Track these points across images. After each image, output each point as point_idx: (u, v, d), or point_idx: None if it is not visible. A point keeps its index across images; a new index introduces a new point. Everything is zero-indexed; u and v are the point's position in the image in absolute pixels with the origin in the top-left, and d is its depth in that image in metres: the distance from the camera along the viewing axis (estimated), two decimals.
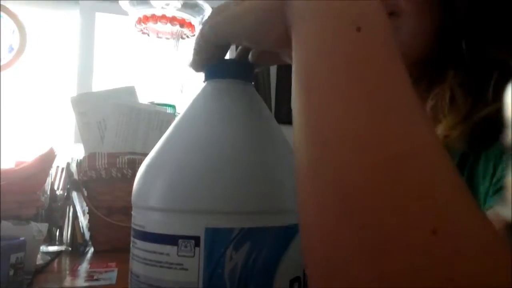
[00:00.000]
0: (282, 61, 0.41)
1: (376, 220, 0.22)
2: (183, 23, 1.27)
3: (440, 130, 0.42)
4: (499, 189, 0.41)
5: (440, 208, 0.21)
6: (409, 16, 0.44)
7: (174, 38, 1.30)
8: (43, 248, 0.80)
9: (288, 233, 0.33)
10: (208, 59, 0.36)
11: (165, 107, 1.06)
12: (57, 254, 0.83)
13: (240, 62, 0.37)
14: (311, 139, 0.25)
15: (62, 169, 0.95)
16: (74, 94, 1.21)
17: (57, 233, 0.90)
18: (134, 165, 0.87)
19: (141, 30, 1.29)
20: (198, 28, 1.32)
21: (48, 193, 0.85)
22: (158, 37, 1.29)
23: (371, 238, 0.22)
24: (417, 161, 0.22)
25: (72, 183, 0.91)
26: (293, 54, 0.29)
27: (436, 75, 0.46)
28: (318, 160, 0.24)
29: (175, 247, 0.31)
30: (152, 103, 1.07)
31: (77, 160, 0.90)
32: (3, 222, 0.64)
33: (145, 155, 0.36)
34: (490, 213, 0.27)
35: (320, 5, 0.27)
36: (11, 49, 1.78)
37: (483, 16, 0.42)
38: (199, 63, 0.38)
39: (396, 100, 0.24)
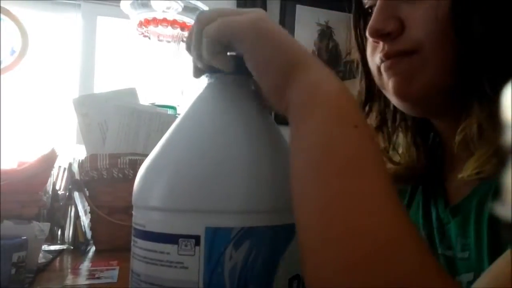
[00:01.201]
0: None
1: None
2: (184, 26, 1.27)
3: (472, 164, 0.41)
4: None
5: None
6: (431, 50, 0.43)
7: (175, 41, 1.30)
8: (45, 247, 0.80)
9: (287, 232, 0.33)
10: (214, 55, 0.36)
11: (166, 108, 1.07)
12: (59, 252, 0.83)
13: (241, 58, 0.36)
14: (317, 220, 0.29)
15: (64, 169, 0.95)
16: (76, 96, 1.21)
17: (59, 233, 0.90)
18: (135, 166, 0.87)
19: (142, 33, 1.30)
20: None
21: (50, 193, 0.85)
22: (159, 40, 1.29)
23: None
24: (402, 249, 0.26)
25: (73, 183, 0.91)
26: (296, 137, 0.32)
27: (462, 108, 0.44)
28: (325, 240, 0.28)
29: (176, 246, 0.31)
30: (153, 104, 1.08)
31: (79, 160, 0.90)
32: (5, 221, 0.65)
33: (146, 156, 0.36)
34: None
35: (321, 99, 0.32)
36: (12, 51, 1.77)
37: (501, 47, 0.41)
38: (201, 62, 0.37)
39: (383, 190, 0.29)
